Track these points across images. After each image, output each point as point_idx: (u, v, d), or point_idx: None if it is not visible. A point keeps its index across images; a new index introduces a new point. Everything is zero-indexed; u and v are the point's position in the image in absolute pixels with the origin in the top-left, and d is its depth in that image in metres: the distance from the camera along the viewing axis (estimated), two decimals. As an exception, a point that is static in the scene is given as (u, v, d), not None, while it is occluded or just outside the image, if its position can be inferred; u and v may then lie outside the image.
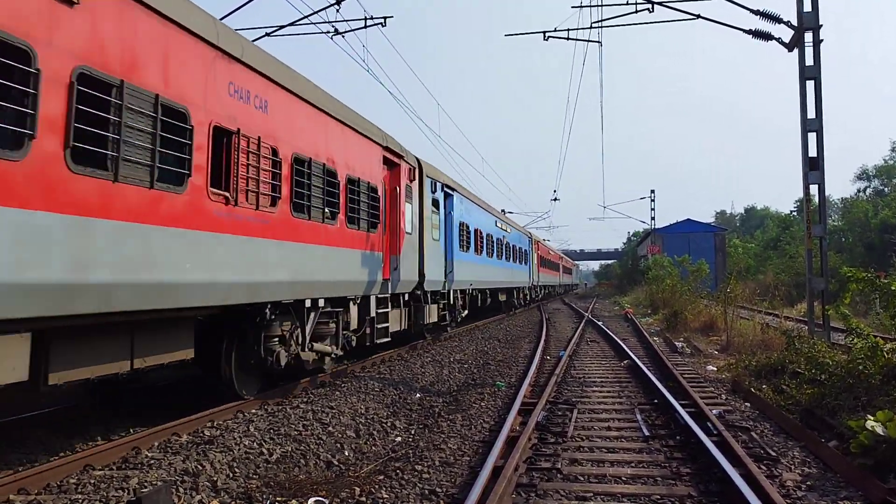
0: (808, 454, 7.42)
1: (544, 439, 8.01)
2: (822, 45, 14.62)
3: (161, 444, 7.42)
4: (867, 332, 10.15)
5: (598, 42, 24.39)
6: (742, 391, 11.17)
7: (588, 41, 19.47)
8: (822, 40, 14.58)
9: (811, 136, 14.56)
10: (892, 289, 10.05)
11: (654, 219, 65.27)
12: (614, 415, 9.43)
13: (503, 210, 44.78)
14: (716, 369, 14.20)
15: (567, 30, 19.04)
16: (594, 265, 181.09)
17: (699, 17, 16.62)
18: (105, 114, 6.13)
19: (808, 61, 14.64)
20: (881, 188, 66.43)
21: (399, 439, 8.40)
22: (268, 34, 16.89)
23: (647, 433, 8.26)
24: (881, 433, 6.64)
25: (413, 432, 8.77)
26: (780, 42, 15.43)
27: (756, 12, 15.48)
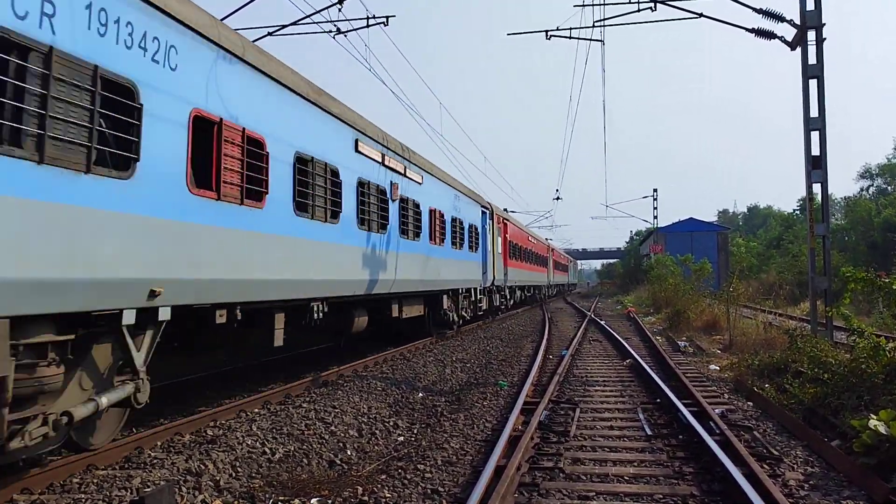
0: (811, 453, 7.42)
1: (547, 438, 8.01)
2: (824, 43, 14.59)
3: (164, 443, 7.44)
4: (869, 331, 10.13)
5: (600, 41, 24.38)
6: (745, 390, 11.16)
7: (590, 40, 19.41)
8: (824, 39, 14.55)
9: (814, 135, 14.53)
10: (894, 288, 10.03)
11: (656, 218, 65.18)
12: (617, 414, 9.43)
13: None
14: (718, 368, 14.19)
15: (569, 28, 18.99)
16: (596, 264, 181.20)
17: (701, 15, 16.59)
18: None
19: (811, 60, 14.61)
20: (884, 187, 66.35)
21: (401, 439, 8.41)
22: (270, 34, 16.89)
23: (649, 432, 8.26)
24: (884, 432, 6.63)
25: (415, 431, 8.78)
26: (782, 41, 15.39)
27: (759, 11, 15.44)
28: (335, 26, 16.77)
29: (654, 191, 64.15)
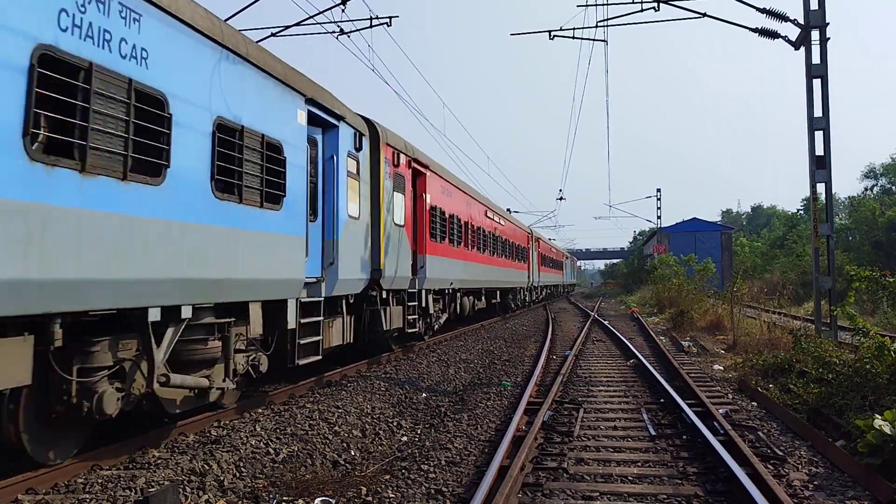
0: (816, 453, 7.40)
1: (550, 439, 8.01)
2: (828, 43, 14.56)
3: (168, 443, 7.45)
4: (873, 331, 10.11)
5: (603, 41, 24.32)
6: (749, 390, 11.14)
7: (594, 40, 19.44)
8: (828, 38, 14.52)
9: (818, 135, 14.51)
10: (899, 287, 10.02)
11: (660, 217, 65.12)
12: (620, 414, 9.42)
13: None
14: (722, 368, 14.17)
15: (573, 28, 19.02)
16: (600, 264, 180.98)
17: (705, 15, 16.57)
18: None
19: (815, 59, 14.58)
20: (888, 186, 66.19)
21: (405, 439, 8.41)
22: (273, 34, 16.92)
23: (653, 432, 8.25)
24: (889, 432, 6.61)
25: (419, 432, 8.78)
26: (786, 40, 15.37)
27: (763, 10, 15.42)
28: (338, 27, 16.80)
29: (658, 191, 64.14)
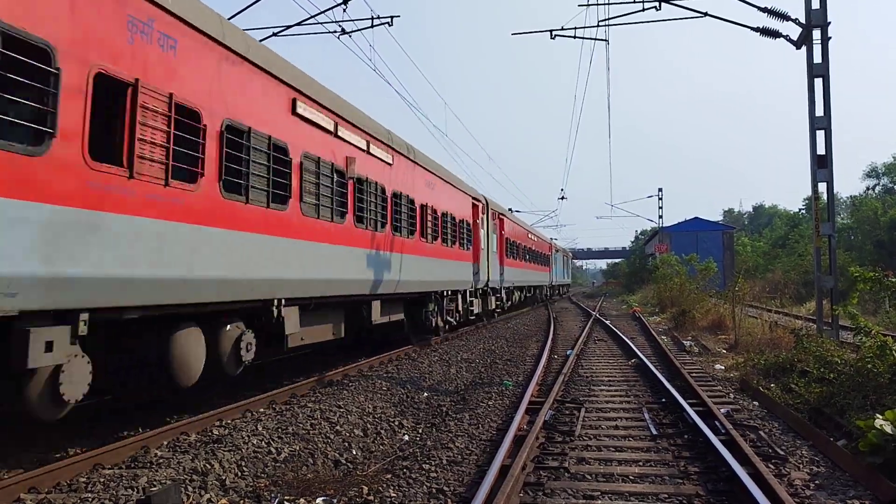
0: (817, 453, 7.40)
1: (552, 438, 8.01)
2: (830, 42, 14.56)
3: (170, 442, 7.46)
4: (875, 330, 10.10)
5: (605, 40, 24.36)
6: (750, 390, 11.14)
7: (595, 39, 19.46)
8: (830, 38, 14.52)
9: (819, 134, 14.50)
10: (901, 287, 10.01)
11: (661, 217, 65.09)
12: (622, 413, 9.42)
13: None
14: (724, 368, 14.17)
15: (574, 28, 19.04)
16: (602, 264, 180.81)
17: (706, 14, 16.57)
18: None
19: (817, 59, 14.58)
20: (890, 186, 66.12)
21: (407, 438, 8.42)
22: (275, 34, 16.95)
23: (654, 432, 8.25)
24: (890, 432, 6.61)
25: (421, 431, 8.79)
26: (787, 40, 15.36)
27: (764, 10, 15.41)
28: (340, 27, 16.82)
29: (660, 190, 64.11)
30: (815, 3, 14.63)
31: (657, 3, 16.44)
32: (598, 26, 19.65)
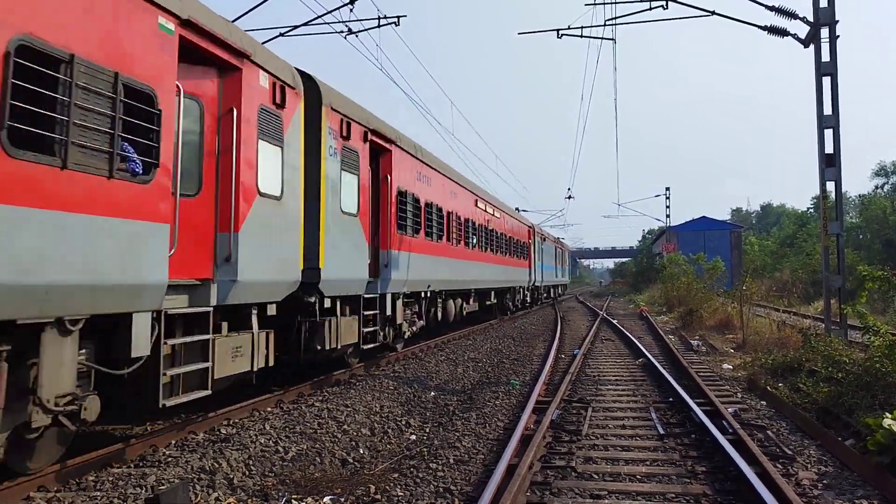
0: (825, 453, 7.38)
1: (559, 438, 8.01)
2: (838, 40, 14.49)
3: (178, 441, 7.49)
4: (884, 329, 10.06)
5: (611, 39, 24.35)
6: (758, 389, 11.11)
7: (602, 38, 19.41)
8: (838, 36, 14.45)
9: (827, 133, 14.44)
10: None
11: (668, 216, 64.89)
12: (629, 413, 9.41)
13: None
14: (731, 367, 14.13)
15: (581, 27, 18.98)
16: (609, 263, 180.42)
17: (714, 13, 16.51)
18: None
19: (825, 57, 14.51)
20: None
21: (414, 437, 8.43)
22: (282, 34, 16.97)
23: (662, 431, 8.24)
24: (899, 431, 6.59)
25: (428, 430, 8.80)
26: (795, 38, 15.29)
27: (771, 8, 15.35)
28: (347, 27, 16.84)
29: (667, 189, 63.94)
30: (823, 2, 14.56)
31: (664, 2, 16.40)
32: (604, 25, 19.66)
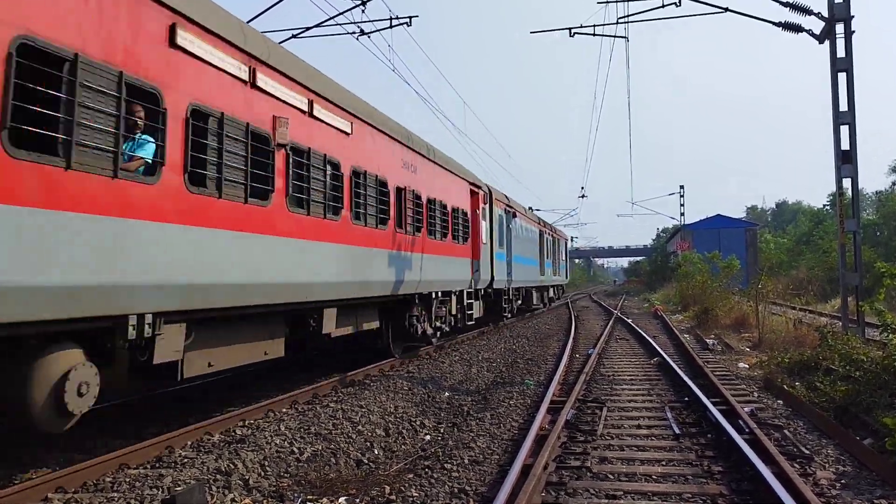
0: (843, 452, 7.31)
1: (574, 437, 7.98)
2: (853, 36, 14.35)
3: (194, 443, 7.53)
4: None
5: (624, 38, 24.23)
6: (774, 388, 11.03)
7: (614, 37, 19.33)
8: (853, 31, 14.31)
9: (843, 129, 14.31)
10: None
11: (683, 214, 64.64)
12: (644, 413, 9.37)
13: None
14: (747, 366, 14.04)
15: (593, 26, 18.95)
16: (623, 262, 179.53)
17: (727, 10, 16.39)
18: None
19: (840, 53, 14.38)
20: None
21: (428, 438, 8.43)
22: (295, 36, 17.03)
23: (677, 431, 8.19)
24: (918, 431, 6.52)
25: (442, 431, 8.80)
26: (810, 34, 15.16)
27: (786, 4, 15.22)
28: (359, 27, 16.85)
29: (681, 187, 63.70)
30: (838, -3, 14.43)
31: (677, 0, 16.30)
32: (617, 23, 19.58)
